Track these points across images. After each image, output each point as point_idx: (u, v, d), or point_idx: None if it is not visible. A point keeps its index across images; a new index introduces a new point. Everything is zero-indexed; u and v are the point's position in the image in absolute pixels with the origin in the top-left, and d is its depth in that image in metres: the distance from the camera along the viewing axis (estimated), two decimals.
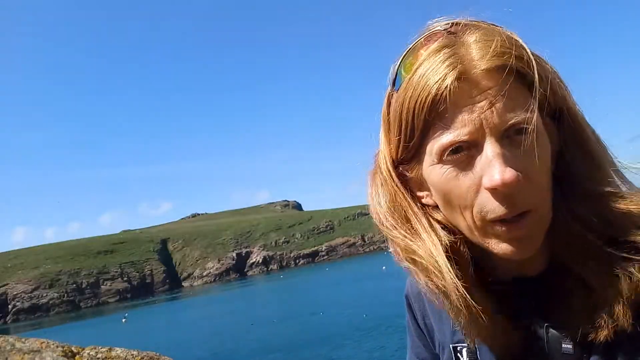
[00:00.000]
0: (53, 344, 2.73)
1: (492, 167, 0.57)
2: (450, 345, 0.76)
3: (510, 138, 0.58)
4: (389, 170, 0.70)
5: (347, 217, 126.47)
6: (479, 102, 0.57)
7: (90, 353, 2.75)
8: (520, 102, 0.57)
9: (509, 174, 0.55)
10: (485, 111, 0.57)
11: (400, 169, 0.69)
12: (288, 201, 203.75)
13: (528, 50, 0.59)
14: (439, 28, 0.62)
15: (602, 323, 0.59)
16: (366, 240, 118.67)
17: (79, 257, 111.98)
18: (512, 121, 0.57)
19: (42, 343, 2.72)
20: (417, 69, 0.60)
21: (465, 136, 0.58)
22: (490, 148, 0.57)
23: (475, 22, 0.62)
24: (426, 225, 0.68)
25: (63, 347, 2.72)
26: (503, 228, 0.59)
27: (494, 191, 0.58)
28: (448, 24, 0.62)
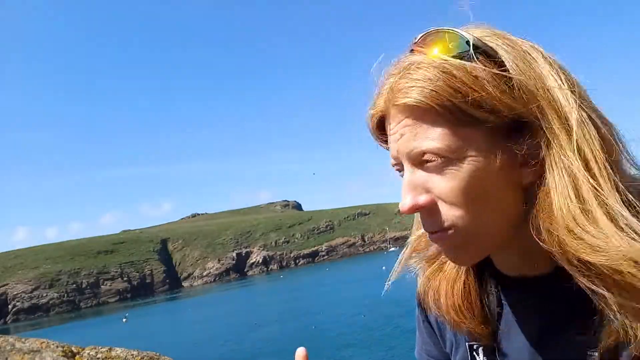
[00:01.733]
0: (53, 344, 2.73)
1: (401, 192, 0.63)
2: (467, 344, 0.76)
3: (426, 164, 0.61)
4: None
5: (347, 217, 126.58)
6: (394, 134, 0.63)
7: (90, 353, 2.74)
8: (427, 132, 0.60)
9: (405, 203, 0.61)
10: (398, 141, 0.62)
11: None
12: (288, 201, 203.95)
13: (461, 76, 0.59)
14: (419, 37, 0.65)
15: (627, 332, 0.57)
16: (366, 240, 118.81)
17: (79, 257, 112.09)
18: (415, 151, 0.60)
19: (42, 343, 2.72)
20: (376, 87, 0.66)
21: (392, 160, 0.65)
22: (404, 175, 0.63)
23: (436, 36, 0.63)
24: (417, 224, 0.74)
25: (63, 347, 2.72)
26: (430, 237, 0.65)
27: None
28: (423, 35, 0.64)
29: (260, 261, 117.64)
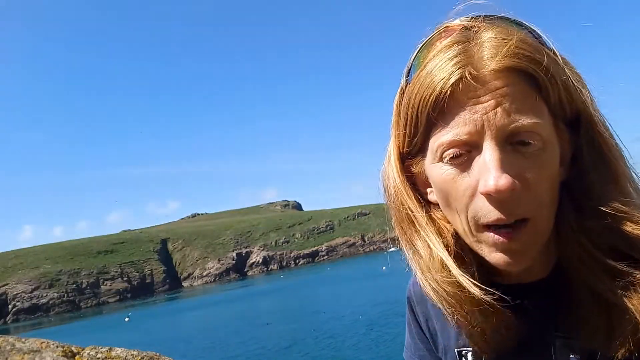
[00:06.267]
0: (53, 344, 2.73)
1: (488, 171, 0.55)
2: (455, 350, 0.75)
3: (513, 144, 0.56)
4: (396, 163, 0.69)
5: (347, 217, 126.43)
6: (483, 103, 0.55)
7: (90, 353, 2.74)
8: (527, 106, 0.55)
9: (504, 180, 0.53)
10: (488, 112, 0.54)
11: (406, 162, 0.69)
12: (288, 201, 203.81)
13: (546, 53, 0.56)
14: (457, 22, 0.60)
15: (620, 338, 0.56)
16: (366, 240, 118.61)
17: (79, 257, 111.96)
18: (516, 124, 0.54)
19: (42, 343, 2.72)
20: (427, 63, 0.59)
21: (465, 136, 0.56)
22: (489, 151, 0.55)
23: (499, 18, 0.59)
24: (426, 221, 0.67)
25: (63, 347, 2.71)
26: (496, 236, 0.58)
27: (488, 197, 0.56)
28: (468, 17, 0.60)
29: (260, 261, 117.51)
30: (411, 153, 0.67)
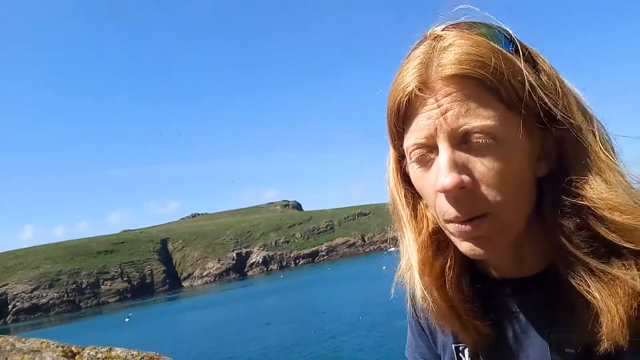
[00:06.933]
0: (53, 344, 2.71)
1: (439, 172, 0.59)
2: (453, 346, 0.77)
3: (468, 143, 0.59)
4: (392, 164, 0.74)
5: (347, 217, 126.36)
6: (434, 109, 0.59)
7: (90, 353, 2.73)
8: (478, 109, 0.58)
9: (449, 180, 0.57)
10: (439, 117, 0.58)
11: (402, 164, 0.72)
12: (288, 201, 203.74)
13: (502, 55, 0.59)
14: (433, 30, 0.64)
15: (602, 334, 0.58)
16: (366, 240, 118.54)
17: (79, 257, 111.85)
18: (466, 127, 0.58)
19: (42, 343, 2.70)
20: (399, 73, 0.64)
21: (423, 139, 0.61)
22: (441, 153, 0.59)
23: (468, 23, 0.63)
24: (408, 219, 0.72)
25: (63, 347, 2.70)
26: (460, 226, 0.61)
27: (444, 195, 0.60)
28: (443, 26, 0.64)
29: (260, 261, 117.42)
30: (401, 155, 0.71)
